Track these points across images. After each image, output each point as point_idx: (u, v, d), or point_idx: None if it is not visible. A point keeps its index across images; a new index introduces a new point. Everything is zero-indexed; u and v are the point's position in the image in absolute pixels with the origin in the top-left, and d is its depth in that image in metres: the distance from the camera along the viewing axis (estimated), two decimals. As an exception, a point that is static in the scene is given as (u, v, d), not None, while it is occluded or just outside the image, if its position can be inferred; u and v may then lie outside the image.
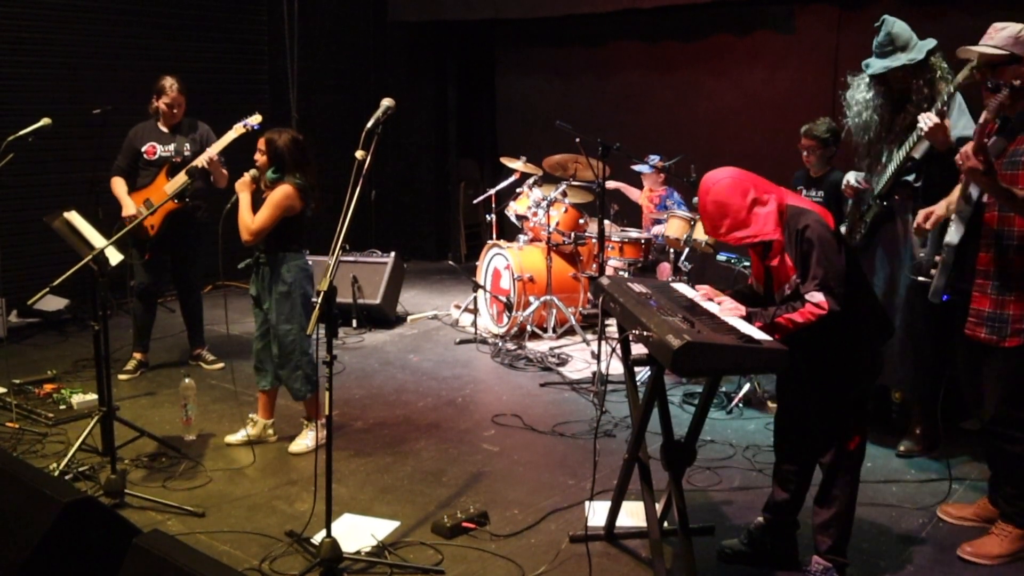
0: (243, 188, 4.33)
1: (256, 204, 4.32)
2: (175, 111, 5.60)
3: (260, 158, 4.36)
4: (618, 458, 3.88)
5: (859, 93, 4.36)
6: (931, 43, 4.21)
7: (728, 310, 3.18)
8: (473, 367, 6.06)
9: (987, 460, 3.72)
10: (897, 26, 4.23)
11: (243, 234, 4.29)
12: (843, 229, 4.44)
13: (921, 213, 3.77)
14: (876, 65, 4.25)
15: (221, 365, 5.87)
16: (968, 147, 3.22)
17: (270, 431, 4.66)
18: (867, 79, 4.33)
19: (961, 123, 4.13)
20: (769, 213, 3.09)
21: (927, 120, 3.93)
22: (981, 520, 3.72)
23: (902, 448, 4.49)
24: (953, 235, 3.49)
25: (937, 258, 3.57)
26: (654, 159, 6.53)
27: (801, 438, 3.34)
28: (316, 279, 4.32)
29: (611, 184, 7.05)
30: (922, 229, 3.75)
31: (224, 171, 5.49)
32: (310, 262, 4.56)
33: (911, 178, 4.29)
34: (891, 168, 4.26)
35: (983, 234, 3.41)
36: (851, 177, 4.51)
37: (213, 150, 5.40)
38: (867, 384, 3.28)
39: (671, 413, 3.35)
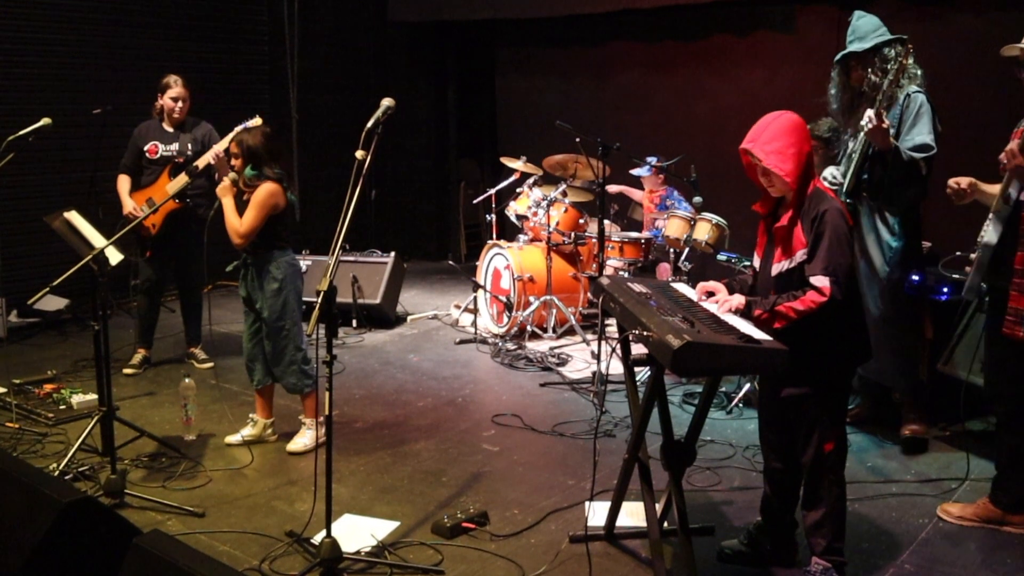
0: (225, 193, 4.34)
1: (240, 206, 4.32)
2: (180, 105, 5.61)
3: (235, 161, 4.37)
4: (618, 458, 3.88)
5: (831, 85, 4.52)
6: (890, 36, 4.29)
7: (727, 301, 3.18)
8: (473, 367, 6.05)
9: (997, 458, 3.74)
10: (864, 19, 4.36)
11: (233, 238, 4.30)
12: None
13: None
14: (837, 56, 4.42)
15: (211, 364, 5.88)
16: (1013, 145, 3.25)
17: (269, 431, 4.66)
18: (836, 71, 4.47)
19: (920, 125, 4.17)
20: (800, 165, 3.12)
21: (867, 121, 4.01)
22: (981, 520, 3.72)
23: (907, 431, 4.51)
24: (991, 234, 3.51)
25: (972, 256, 3.59)
26: (652, 160, 6.54)
27: (784, 436, 3.34)
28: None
29: (613, 188, 7.06)
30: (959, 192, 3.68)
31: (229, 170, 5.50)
32: (298, 258, 4.58)
33: (867, 176, 4.34)
34: (851, 167, 4.33)
35: (1021, 233, 3.44)
36: (827, 175, 4.56)
37: (218, 148, 5.40)
38: (839, 385, 3.27)
39: (671, 413, 3.35)
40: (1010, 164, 3.31)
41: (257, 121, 5.35)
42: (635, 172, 6.82)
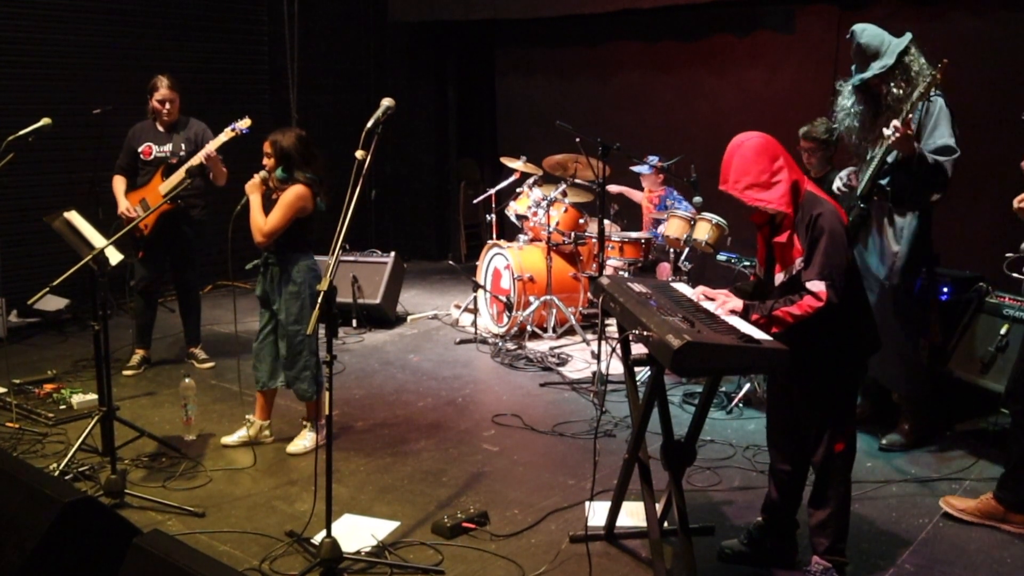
0: (253, 190, 4.33)
1: (266, 206, 4.31)
2: (168, 107, 5.58)
3: (267, 161, 4.35)
4: (618, 458, 3.88)
5: (843, 100, 4.47)
6: (903, 42, 4.27)
7: (724, 306, 3.18)
8: (473, 367, 6.05)
9: (1007, 456, 3.74)
10: (866, 35, 4.30)
11: (256, 236, 4.29)
12: None
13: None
14: (854, 78, 4.37)
15: (212, 364, 5.88)
16: None
17: (266, 432, 4.65)
18: (850, 87, 4.43)
19: (941, 128, 4.18)
20: (786, 186, 3.09)
21: (892, 130, 4.01)
22: (983, 516, 3.73)
23: (884, 442, 4.53)
24: None
25: None
26: (652, 160, 6.54)
27: (792, 437, 3.34)
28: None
29: (614, 188, 7.06)
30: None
31: (223, 169, 5.49)
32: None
33: (884, 182, 4.34)
34: (868, 172, 4.33)
35: None
36: (839, 179, 4.57)
37: (209, 148, 5.39)
38: (849, 382, 3.27)
39: (671, 413, 3.35)
40: None
41: (247, 122, 5.35)
42: (635, 169, 6.81)
